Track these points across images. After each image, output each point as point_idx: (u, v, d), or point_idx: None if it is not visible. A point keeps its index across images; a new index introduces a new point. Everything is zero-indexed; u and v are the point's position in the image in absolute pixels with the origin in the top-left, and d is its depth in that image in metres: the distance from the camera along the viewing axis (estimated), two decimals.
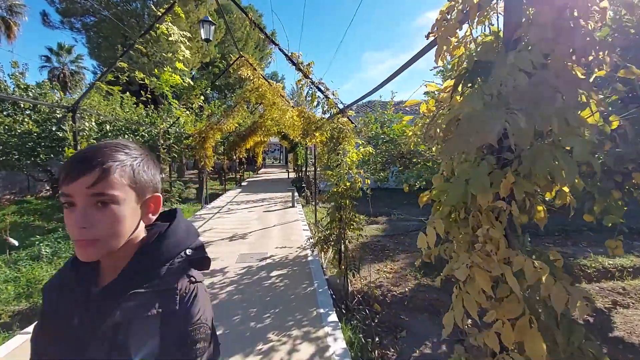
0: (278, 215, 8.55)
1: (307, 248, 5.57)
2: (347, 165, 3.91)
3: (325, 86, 4.41)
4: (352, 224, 3.93)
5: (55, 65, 34.71)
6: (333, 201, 3.99)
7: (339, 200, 3.93)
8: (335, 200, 3.97)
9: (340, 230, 3.98)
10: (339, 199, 3.93)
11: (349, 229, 3.93)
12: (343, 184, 3.83)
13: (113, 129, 8.48)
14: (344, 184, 3.84)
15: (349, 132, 4.18)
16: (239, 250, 5.41)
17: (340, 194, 3.91)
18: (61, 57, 34.40)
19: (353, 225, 3.93)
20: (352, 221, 3.93)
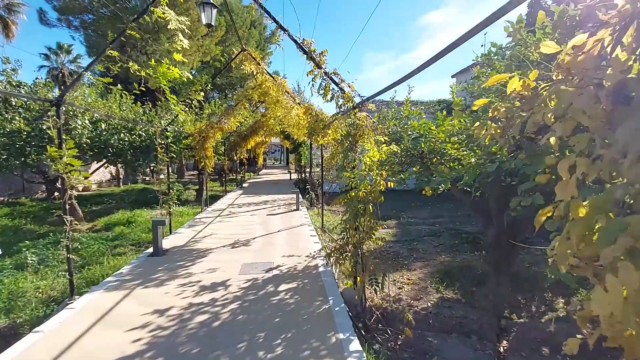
0: (282, 219, 8.07)
1: (316, 257, 5.09)
2: (367, 165, 3.43)
3: (340, 77, 3.94)
4: (372, 234, 3.45)
5: (54, 65, 34.33)
6: (350, 207, 3.51)
7: (358, 205, 3.45)
8: (353, 206, 3.49)
9: (359, 240, 3.49)
10: (358, 204, 3.45)
11: (369, 239, 3.45)
12: (363, 187, 3.35)
13: (109, 127, 8.01)
14: (364, 187, 3.36)
15: (368, 128, 3.71)
16: (242, 260, 4.93)
17: (360, 199, 3.43)
18: (60, 56, 34.03)
19: (374, 235, 3.45)
20: (373, 230, 3.45)
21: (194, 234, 6.53)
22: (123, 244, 6.98)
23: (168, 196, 7.13)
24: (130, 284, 4.02)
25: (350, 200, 3.54)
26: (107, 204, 12.34)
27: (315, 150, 12.78)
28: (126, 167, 8.45)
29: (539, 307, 4.66)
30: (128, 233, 7.87)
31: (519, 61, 2.48)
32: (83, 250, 6.36)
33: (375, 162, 3.43)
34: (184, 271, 4.46)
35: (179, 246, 5.69)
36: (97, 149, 7.60)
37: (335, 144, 4.23)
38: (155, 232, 5.09)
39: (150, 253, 5.20)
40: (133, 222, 8.91)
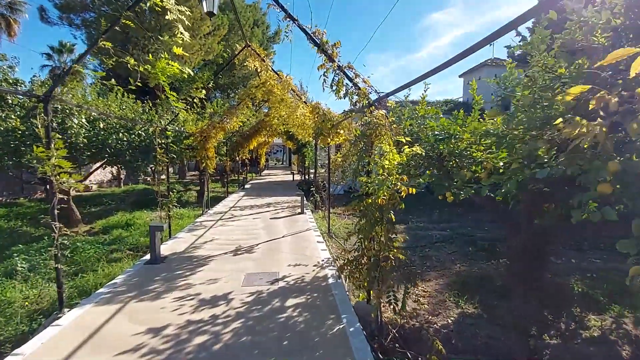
0: (287, 223, 7.72)
1: (325, 266, 4.74)
2: (385, 169, 3.07)
3: (354, 71, 3.59)
4: (393, 246, 3.09)
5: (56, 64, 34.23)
6: (367, 214, 3.16)
7: (375, 213, 3.10)
8: (370, 214, 3.13)
9: (377, 252, 3.14)
10: (375, 212, 3.10)
11: (389, 251, 3.09)
12: (382, 194, 3.00)
13: (107, 127, 7.68)
14: (383, 194, 3.00)
15: (386, 128, 3.35)
16: (245, 269, 4.58)
17: (379, 207, 3.07)
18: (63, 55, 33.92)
19: (395, 248, 3.09)
20: (393, 241, 3.10)
21: (194, 239, 6.19)
22: (120, 249, 6.65)
23: (167, 198, 6.80)
24: (124, 297, 3.68)
25: (366, 208, 3.18)
26: (106, 205, 12.04)
27: (320, 151, 12.46)
28: (125, 167, 8.12)
29: (569, 324, 4.28)
30: (126, 237, 7.55)
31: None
32: (78, 256, 6.04)
33: (395, 165, 3.07)
34: (182, 282, 4.11)
35: (178, 253, 5.35)
36: (94, 149, 7.28)
37: (348, 144, 3.88)
38: (152, 238, 4.75)
39: (147, 260, 4.86)
40: (132, 225, 8.59)
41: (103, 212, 10.80)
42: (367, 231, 3.24)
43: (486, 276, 5.45)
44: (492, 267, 5.95)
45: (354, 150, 3.80)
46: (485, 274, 5.54)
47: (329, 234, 7.21)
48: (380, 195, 3.01)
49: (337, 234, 7.40)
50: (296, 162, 24.47)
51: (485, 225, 9.23)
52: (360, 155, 3.50)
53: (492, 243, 7.23)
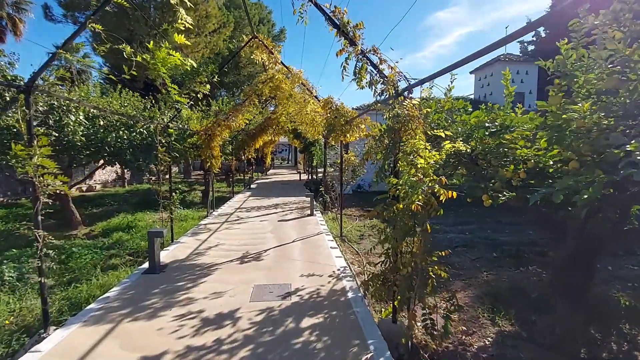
0: (296, 226, 7.26)
1: (342, 276, 4.26)
2: (420, 169, 2.58)
3: (380, 56, 3.10)
4: (431, 261, 2.60)
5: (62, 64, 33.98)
6: (398, 223, 2.67)
7: (408, 222, 2.61)
8: (402, 222, 2.65)
9: (412, 269, 2.65)
10: (408, 220, 2.61)
11: (427, 267, 2.60)
12: (417, 198, 2.51)
13: (107, 124, 7.28)
14: (418, 198, 2.51)
15: (419, 121, 2.87)
16: (253, 280, 4.11)
17: (412, 214, 2.58)
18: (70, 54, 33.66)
19: (434, 264, 2.60)
20: (431, 255, 2.61)
21: (198, 244, 5.75)
22: (120, 254, 6.24)
23: (170, 200, 6.38)
24: (116, 315, 3.24)
25: (396, 215, 2.69)
26: (109, 206, 11.69)
27: (329, 149, 11.98)
28: (126, 167, 7.72)
29: (620, 343, 3.76)
30: (127, 240, 7.15)
31: None
32: (73, 262, 5.64)
33: (431, 164, 2.58)
34: (183, 296, 3.66)
35: (180, 260, 4.91)
36: (93, 147, 6.88)
37: (371, 141, 3.40)
38: (151, 246, 4.31)
39: (145, 269, 4.43)
40: (133, 227, 8.20)
41: (105, 213, 10.44)
42: (397, 242, 2.75)
43: (518, 287, 4.93)
44: (522, 276, 5.42)
45: (378, 147, 3.32)
46: (517, 284, 5.02)
47: (341, 238, 6.73)
48: (415, 200, 2.52)
49: (350, 238, 6.92)
50: (302, 161, 24.01)
51: (505, 227, 8.69)
52: (387, 153, 3.01)
53: (518, 248, 6.69)
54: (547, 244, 7.10)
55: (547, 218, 4.28)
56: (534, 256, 6.33)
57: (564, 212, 3.67)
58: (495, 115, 4.05)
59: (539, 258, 6.21)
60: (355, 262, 5.57)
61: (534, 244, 7.09)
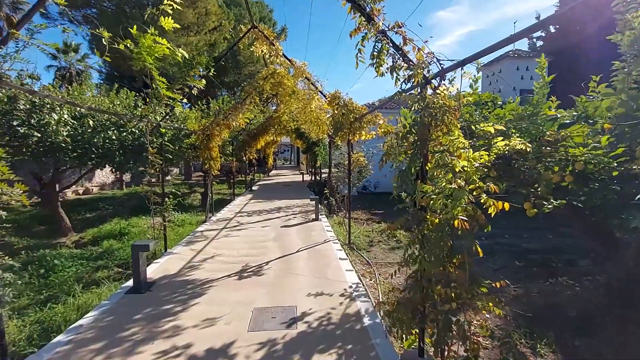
0: (301, 233, 6.69)
1: (355, 295, 3.69)
2: (462, 174, 2.01)
3: (404, 35, 2.53)
4: (480, 292, 2.03)
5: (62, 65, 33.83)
6: (434, 241, 2.09)
7: (448, 241, 2.04)
8: (437, 241, 2.07)
9: (452, 302, 2.07)
10: (448, 240, 2.04)
11: (474, 299, 2.03)
12: (459, 211, 1.94)
13: (98, 124, 6.74)
14: (461, 211, 1.94)
15: (456, 113, 2.30)
16: (253, 301, 3.55)
17: (452, 230, 2.02)
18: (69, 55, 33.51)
19: (484, 298, 2.03)
20: (479, 285, 2.04)
21: (192, 256, 5.20)
22: (108, 265, 5.70)
23: (163, 206, 5.83)
24: (86, 352, 2.68)
25: (434, 231, 2.12)
26: (103, 210, 11.18)
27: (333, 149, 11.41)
28: (115, 170, 7.19)
29: None
30: (117, 249, 6.61)
31: None
32: (55, 276, 5.10)
33: (478, 167, 2.01)
34: (169, 323, 3.11)
35: (170, 275, 4.36)
36: (80, 149, 6.35)
37: (392, 138, 2.84)
38: (136, 261, 3.76)
39: (129, 288, 3.87)
40: (126, 235, 7.66)
41: (98, 218, 9.92)
42: (430, 266, 2.18)
43: (554, 303, 4.35)
44: (553, 289, 4.84)
45: (398, 146, 2.75)
46: (551, 300, 4.44)
47: (349, 245, 6.16)
48: (457, 213, 1.95)
49: (358, 245, 6.35)
50: (305, 162, 23.44)
51: (524, 231, 8.08)
52: (414, 152, 2.44)
53: (543, 256, 6.10)
54: (573, 250, 6.51)
55: (594, 227, 3.69)
56: (563, 265, 5.74)
57: (618, 220, 3.10)
58: (533, 108, 3.47)
59: (568, 268, 5.62)
60: (367, 273, 5.00)
61: (560, 251, 6.48)
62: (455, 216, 1.95)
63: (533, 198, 3.05)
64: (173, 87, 5.24)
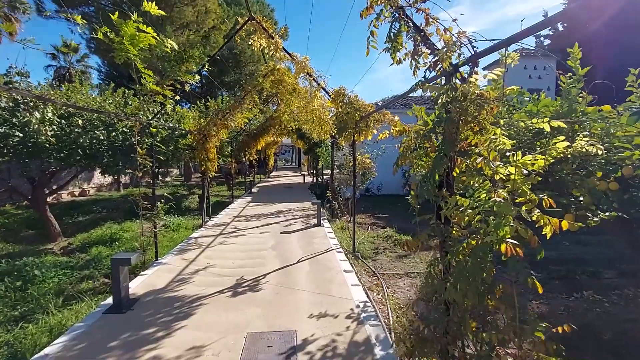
0: (302, 240, 6.25)
1: (363, 317, 3.25)
2: (510, 183, 1.58)
3: (426, 14, 2.09)
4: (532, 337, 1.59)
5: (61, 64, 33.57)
6: (472, 270, 1.65)
7: (491, 269, 1.60)
8: (475, 270, 1.63)
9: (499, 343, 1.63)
10: (491, 267, 1.60)
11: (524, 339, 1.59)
12: (506, 232, 1.50)
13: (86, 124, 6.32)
14: (505, 231, 1.50)
15: (492, 108, 1.86)
16: (247, 324, 3.11)
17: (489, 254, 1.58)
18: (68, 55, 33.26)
19: (537, 346, 1.59)
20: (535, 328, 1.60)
21: (184, 266, 4.77)
22: (94, 275, 5.27)
23: (154, 211, 5.42)
24: None
25: (470, 255, 1.68)
26: (97, 213, 10.76)
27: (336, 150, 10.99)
28: (104, 172, 6.78)
29: None
30: (106, 256, 6.19)
31: None
32: (34, 288, 4.67)
33: (529, 175, 1.57)
34: (149, 354, 2.67)
35: (157, 290, 3.92)
36: (66, 150, 5.93)
37: (409, 140, 2.40)
38: (116, 276, 3.33)
39: (109, 307, 3.44)
40: (117, 240, 7.24)
41: (91, 222, 9.50)
42: (462, 298, 1.73)
43: (584, 323, 3.89)
44: (580, 305, 4.39)
45: (421, 148, 2.31)
46: (581, 319, 3.98)
47: (354, 254, 5.72)
48: (503, 235, 1.51)
49: (363, 253, 5.90)
50: (306, 163, 23.02)
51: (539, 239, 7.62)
52: (439, 155, 2.00)
53: (566, 267, 5.64)
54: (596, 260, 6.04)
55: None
56: (587, 278, 5.29)
57: None
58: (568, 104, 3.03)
59: (594, 281, 5.17)
60: (374, 287, 4.56)
61: (581, 261, 6.02)
62: (501, 238, 1.51)
63: (574, 209, 2.61)
64: (163, 83, 4.83)
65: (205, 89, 25.58)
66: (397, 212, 10.19)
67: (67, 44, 33.13)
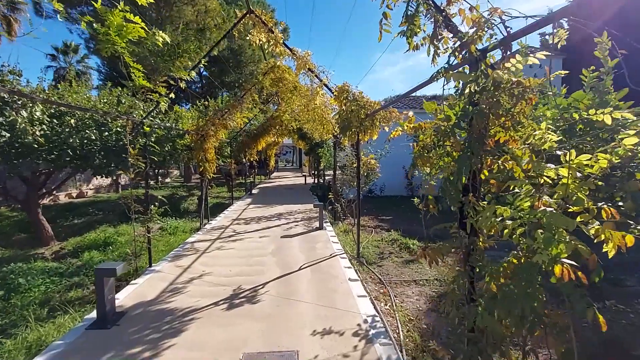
0: (303, 245, 5.95)
1: (372, 333, 2.94)
2: (561, 188, 1.28)
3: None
4: None
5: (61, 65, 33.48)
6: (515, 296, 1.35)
7: (541, 293, 1.30)
8: (519, 294, 1.33)
9: None
10: (539, 292, 1.30)
11: None
12: (561, 250, 1.20)
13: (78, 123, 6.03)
14: (559, 250, 1.20)
15: (531, 98, 1.56)
16: (243, 342, 2.81)
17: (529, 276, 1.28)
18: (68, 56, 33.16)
19: None
20: None
21: (177, 274, 4.47)
22: (84, 282, 4.98)
23: (147, 215, 5.13)
24: None
25: (512, 277, 1.37)
26: (92, 216, 10.48)
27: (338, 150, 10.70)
28: (95, 173, 6.49)
29: None
30: (99, 261, 5.90)
31: None
32: (18, 298, 4.38)
33: (585, 179, 1.27)
34: None
35: (147, 302, 3.63)
36: (57, 151, 5.65)
37: (426, 137, 2.10)
38: (100, 289, 3.03)
39: (93, 321, 3.14)
40: (111, 244, 6.94)
41: (86, 224, 9.21)
42: (499, 327, 1.43)
43: (610, 336, 3.58)
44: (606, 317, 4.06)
45: (440, 147, 2.01)
46: (607, 332, 3.67)
47: (358, 260, 5.41)
48: (557, 254, 1.21)
49: (368, 258, 5.60)
50: (308, 164, 22.73)
51: None
52: (465, 155, 1.70)
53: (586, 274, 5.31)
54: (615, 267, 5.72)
55: None
56: (607, 285, 4.97)
57: None
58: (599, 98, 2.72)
59: (615, 289, 4.85)
60: (381, 296, 4.25)
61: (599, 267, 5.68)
62: (553, 258, 1.21)
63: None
64: (157, 80, 4.54)
65: (205, 90, 25.35)
66: (401, 213, 9.88)
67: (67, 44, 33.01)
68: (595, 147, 1.64)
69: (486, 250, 1.97)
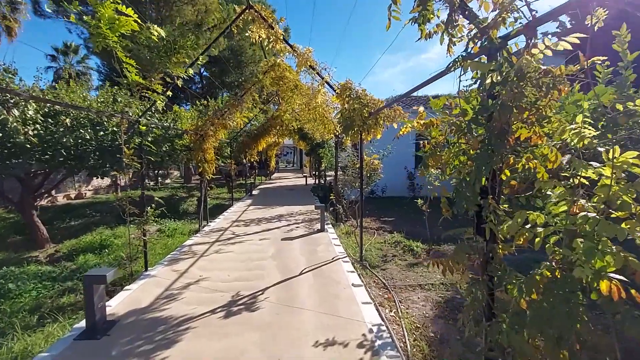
0: (304, 248, 5.78)
1: (378, 345, 2.76)
2: (603, 191, 1.10)
3: None
4: None
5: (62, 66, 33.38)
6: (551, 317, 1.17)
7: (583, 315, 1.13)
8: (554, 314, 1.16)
9: None
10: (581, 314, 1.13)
11: None
12: (608, 264, 1.03)
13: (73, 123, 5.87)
14: (606, 263, 1.03)
15: (561, 89, 1.39)
16: (241, 355, 2.63)
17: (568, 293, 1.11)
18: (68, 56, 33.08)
19: None
20: None
21: (173, 280, 4.30)
22: (78, 287, 4.82)
23: (142, 217, 4.97)
24: None
25: (544, 293, 1.20)
26: (90, 217, 10.32)
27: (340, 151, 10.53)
28: (90, 173, 6.33)
29: None
30: (94, 265, 5.74)
31: None
32: (7, 304, 4.22)
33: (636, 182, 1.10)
34: None
35: (141, 310, 3.45)
36: (50, 151, 5.49)
37: (441, 133, 1.93)
38: (89, 297, 2.86)
39: (82, 331, 2.97)
40: (108, 247, 6.79)
41: (83, 226, 9.05)
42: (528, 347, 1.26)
43: (630, 346, 3.39)
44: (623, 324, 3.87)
45: (456, 144, 1.83)
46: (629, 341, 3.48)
47: (361, 263, 5.24)
48: (603, 268, 1.04)
49: (371, 261, 5.42)
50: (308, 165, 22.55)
51: None
52: (485, 153, 1.53)
53: None
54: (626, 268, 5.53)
55: None
56: None
57: None
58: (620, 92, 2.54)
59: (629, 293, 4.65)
60: (385, 301, 4.08)
61: None
62: (598, 272, 1.04)
63: None
64: (152, 77, 4.37)
65: (205, 90, 25.21)
66: (404, 215, 9.70)
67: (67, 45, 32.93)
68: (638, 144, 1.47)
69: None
